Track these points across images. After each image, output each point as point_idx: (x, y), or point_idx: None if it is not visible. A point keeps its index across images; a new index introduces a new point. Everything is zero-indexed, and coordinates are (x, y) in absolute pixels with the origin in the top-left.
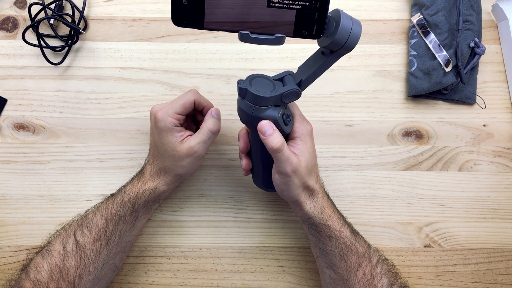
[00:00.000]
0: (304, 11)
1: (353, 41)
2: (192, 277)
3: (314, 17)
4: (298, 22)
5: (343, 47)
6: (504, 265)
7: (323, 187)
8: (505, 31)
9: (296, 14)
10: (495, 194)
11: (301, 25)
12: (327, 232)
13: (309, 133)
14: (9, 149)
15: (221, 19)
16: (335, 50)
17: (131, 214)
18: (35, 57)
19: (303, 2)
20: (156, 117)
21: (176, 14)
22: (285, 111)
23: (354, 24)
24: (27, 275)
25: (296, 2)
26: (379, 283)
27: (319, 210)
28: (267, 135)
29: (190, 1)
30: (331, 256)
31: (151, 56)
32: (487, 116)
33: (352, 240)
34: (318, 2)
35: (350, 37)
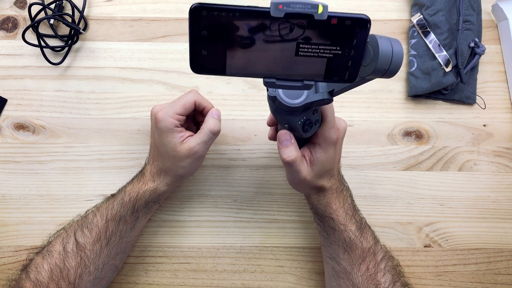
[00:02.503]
0: (336, 59)
1: (397, 64)
2: (192, 277)
3: (347, 65)
4: (329, 69)
5: (386, 73)
6: (504, 265)
7: (339, 185)
8: (505, 31)
9: (326, 62)
10: (495, 194)
11: (332, 72)
12: (331, 224)
13: (333, 142)
14: (9, 149)
15: (244, 69)
16: (377, 77)
17: (132, 215)
18: (35, 57)
19: (335, 50)
20: (157, 117)
21: (195, 63)
22: (311, 116)
23: (394, 44)
24: (27, 276)
25: (327, 51)
26: (382, 278)
27: (323, 204)
28: (283, 145)
29: (210, 52)
30: (334, 247)
31: (151, 56)
32: (487, 116)
33: (357, 235)
34: (352, 50)
35: (392, 61)
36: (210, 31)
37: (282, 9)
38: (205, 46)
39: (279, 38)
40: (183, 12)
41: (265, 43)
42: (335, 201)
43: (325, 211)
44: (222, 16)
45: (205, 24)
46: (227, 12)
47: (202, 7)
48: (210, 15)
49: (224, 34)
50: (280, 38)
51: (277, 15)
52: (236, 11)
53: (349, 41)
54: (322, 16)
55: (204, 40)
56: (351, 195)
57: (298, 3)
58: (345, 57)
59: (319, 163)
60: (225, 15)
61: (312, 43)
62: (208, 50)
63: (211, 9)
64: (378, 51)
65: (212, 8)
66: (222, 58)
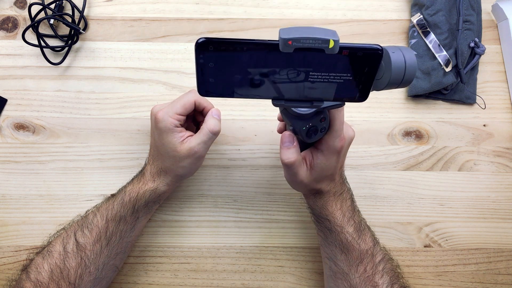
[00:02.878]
0: (347, 84)
1: (411, 74)
2: (192, 277)
3: (358, 87)
4: (339, 92)
5: (401, 84)
6: (504, 265)
7: (339, 188)
8: (505, 31)
9: (337, 86)
10: (495, 194)
11: (343, 93)
12: (327, 225)
13: (336, 151)
14: (9, 149)
15: (252, 93)
16: (392, 88)
17: (132, 215)
18: (35, 57)
19: (345, 77)
20: (157, 117)
21: (203, 89)
22: (317, 124)
23: (406, 54)
24: (27, 276)
25: (338, 77)
26: (380, 280)
27: (319, 206)
28: (284, 147)
29: (217, 80)
30: (332, 247)
31: (151, 56)
32: (487, 116)
33: (355, 237)
34: (363, 76)
35: (406, 72)
36: (217, 63)
37: (292, 45)
38: (212, 75)
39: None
40: (183, 12)
41: (274, 73)
42: (331, 203)
43: (321, 212)
44: (229, 50)
45: (212, 58)
46: (234, 47)
47: (209, 41)
48: (217, 49)
49: (231, 66)
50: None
51: (286, 51)
52: (243, 45)
53: (360, 69)
54: (333, 50)
55: (211, 70)
56: (352, 197)
57: (309, 38)
58: (356, 82)
59: (318, 169)
60: (232, 50)
61: (323, 71)
62: (215, 78)
63: (218, 44)
64: (390, 65)
65: (219, 42)
66: (230, 84)
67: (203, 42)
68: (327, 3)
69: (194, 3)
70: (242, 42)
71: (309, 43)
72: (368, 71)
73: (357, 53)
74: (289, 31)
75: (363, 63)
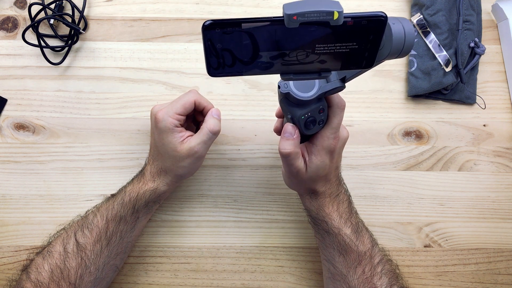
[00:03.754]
0: (353, 52)
1: (410, 43)
2: (192, 277)
3: (364, 55)
4: (346, 61)
5: (401, 53)
6: (504, 265)
7: (335, 190)
8: (505, 31)
9: (343, 55)
10: (495, 194)
11: (350, 62)
12: (324, 227)
13: (330, 150)
14: (9, 149)
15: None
16: (393, 58)
17: (132, 215)
18: (35, 57)
19: (351, 46)
20: (157, 117)
21: (212, 70)
22: (316, 115)
23: (405, 24)
24: (27, 276)
25: (344, 47)
26: (379, 281)
27: (315, 207)
28: (284, 137)
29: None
30: (330, 250)
31: (151, 56)
32: (487, 116)
33: (353, 239)
34: (369, 44)
35: (406, 41)
36: (224, 43)
37: (297, 20)
38: (220, 55)
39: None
40: (183, 12)
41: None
42: (328, 205)
43: (318, 214)
44: (235, 30)
45: (219, 38)
46: (239, 26)
47: (216, 23)
48: (224, 30)
49: (238, 45)
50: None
51: (292, 26)
52: (249, 22)
53: (365, 37)
54: (338, 22)
55: (219, 50)
56: (349, 198)
57: (313, 12)
58: (362, 50)
59: (314, 167)
60: (238, 29)
61: (329, 43)
62: (223, 58)
63: (224, 25)
64: (391, 34)
65: (225, 23)
66: (238, 62)
67: (209, 25)
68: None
69: (194, 3)
70: (247, 20)
71: (314, 17)
72: (373, 38)
73: (362, 21)
74: (293, 5)
75: (368, 31)
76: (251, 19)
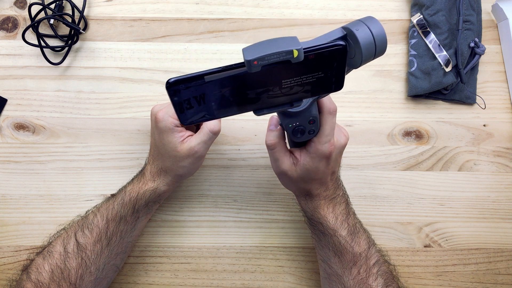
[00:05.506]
0: (320, 80)
1: (383, 44)
2: (192, 277)
3: (331, 80)
4: (315, 88)
5: (375, 56)
6: (504, 265)
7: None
8: (505, 31)
9: (312, 84)
10: (495, 194)
11: (318, 89)
12: (320, 228)
13: (324, 156)
14: (9, 149)
15: (233, 111)
16: (369, 61)
17: (132, 215)
18: (35, 57)
19: (317, 75)
20: (157, 117)
21: (184, 119)
22: (305, 125)
23: (372, 27)
24: (28, 276)
25: (310, 77)
26: (374, 282)
27: (311, 209)
28: (268, 129)
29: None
30: (325, 250)
31: (151, 56)
32: (487, 116)
33: (348, 240)
34: (334, 70)
35: (377, 44)
36: (192, 96)
37: (258, 64)
38: (190, 107)
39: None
40: (183, 12)
41: (248, 90)
42: (323, 207)
43: (313, 215)
44: (200, 83)
45: (186, 93)
46: (203, 79)
47: (179, 81)
48: (189, 85)
49: (206, 95)
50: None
51: (254, 70)
52: (211, 74)
53: (329, 65)
54: (299, 59)
55: (188, 103)
56: (347, 200)
57: (272, 54)
58: (329, 76)
59: (303, 169)
60: (202, 82)
61: (294, 76)
62: (194, 109)
63: (188, 80)
64: (358, 43)
65: (189, 79)
66: (210, 109)
67: (174, 82)
68: (327, 3)
69: (194, 3)
70: (210, 73)
71: (274, 58)
72: (337, 65)
73: (323, 53)
74: (252, 50)
75: (331, 60)
76: (213, 71)
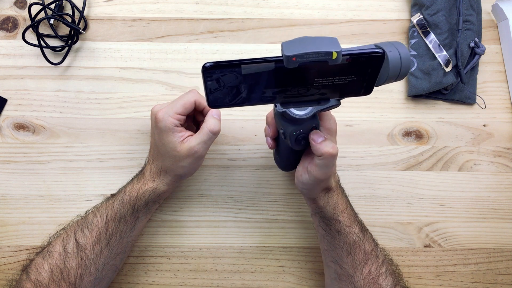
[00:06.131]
0: (352, 83)
1: (407, 67)
2: (192, 277)
3: (362, 85)
4: (344, 90)
5: (398, 77)
6: (504, 265)
7: (340, 185)
8: (505, 31)
9: (342, 86)
10: (495, 194)
11: (348, 91)
12: (337, 227)
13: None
14: (9, 149)
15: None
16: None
17: (132, 215)
18: (35, 57)
19: (350, 78)
20: (157, 117)
21: (213, 103)
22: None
23: (400, 49)
24: (27, 276)
25: (342, 79)
26: (384, 282)
27: (332, 206)
28: (320, 141)
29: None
30: (338, 251)
31: (151, 56)
32: (487, 116)
33: (361, 237)
34: (367, 76)
35: (402, 66)
36: (225, 83)
37: (296, 61)
38: (221, 92)
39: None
40: (183, 12)
41: (280, 84)
42: (341, 201)
43: (334, 213)
44: (236, 70)
45: (220, 78)
46: (239, 67)
47: (216, 65)
48: (224, 71)
49: (238, 84)
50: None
51: (291, 66)
52: (248, 63)
53: (364, 70)
54: (337, 61)
55: (220, 88)
56: (348, 198)
57: (312, 53)
58: (361, 81)
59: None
60: (238, 71)
61: (327, 77)
62: (224, 94)
63: (225, 66)
64: (388, 62)
65: (226, 65)
66: (239, 96)
67: (210, 66)
68: (327, 3)
69: (194, 3)
70: (246, 62)
71: (313, 57)
72: (371, 71)
73: (360, 58)
74: (291, 46)
75: (366, 66)
76: (250, 61)
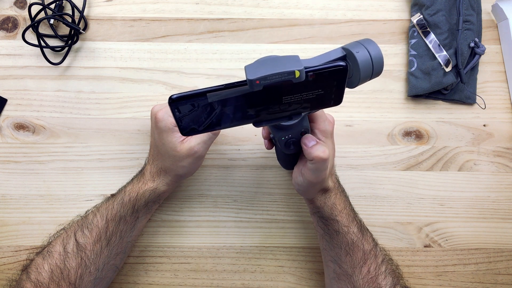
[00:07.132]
0: (320, 96)
1: (379, 65)
2: (192, 277)
3: (331, 97)
4: (314, 104)
5: (372, 76)
6: (504, 265)
7: (338, 185)
8: (505, 31)
9: (311, 100)
10: (495, 194)
11: (318, 104)
12: (335, 227)
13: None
14: (9, 149)
15: (233, 122)
16: (366, 82)
17: (132, 215)
18: (35, 57)
19: (317, 92)
20: (157, 117)
21: (185, 132)
22: (298, 137)
23: (370, 48)
24: (27, 276)
25: (310, 94)
26: (383, 281)
27: (329, 206)
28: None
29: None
30: (336, 250)
31: (151, 56)
32: (487, 116)
33: (359, 237)
34: (333, 87)
35: (374, 65)
36: (193, 111)
37: (260, 84)
38: (191, 120)
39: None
40: (183, 12)
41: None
42: (339, 201)
43: (331, 213)
44: (202, 100)
45: (188, 108)
46: (205, 97)
47: (182, 97)
48: (191, 101)
49: (207, 111)
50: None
51: (256, 89)
52: (213, 91)
53: (329, 84)
54: (300, 79)
55: (189, 117)
56: (348, 197)
57: (275, 74)
58: (328, 93)
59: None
60: (204, 99)
61: (295, 93)
62: (195, 122)
63: (190, 97)
64: (357, 65)
65: (191, 96)
66: (210, 122)
67: (176, 98)
68: (327, 3)
69: (194, 3)
70: (212, 90)
71: (276, 78)
72: (337, 83)
73: (323, 74)
74: (254, 69)
75: (331, 79)
76: (215, 88)
